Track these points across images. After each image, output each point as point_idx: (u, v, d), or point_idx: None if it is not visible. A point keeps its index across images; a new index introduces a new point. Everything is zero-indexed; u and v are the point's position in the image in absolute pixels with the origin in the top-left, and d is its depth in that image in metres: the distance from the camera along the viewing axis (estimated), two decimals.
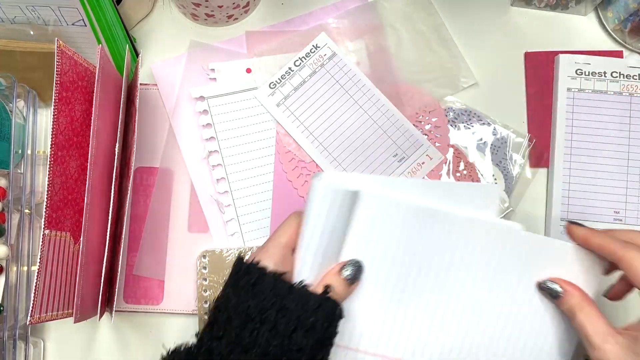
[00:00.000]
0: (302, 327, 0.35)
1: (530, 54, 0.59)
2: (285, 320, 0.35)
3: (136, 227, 0.55)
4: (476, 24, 0.61)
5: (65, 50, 0.44)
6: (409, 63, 0.59)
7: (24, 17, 0.50)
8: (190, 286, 0.54)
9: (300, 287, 0.37)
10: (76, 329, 0.54)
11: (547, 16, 0.61)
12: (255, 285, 0.36)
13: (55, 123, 0.43)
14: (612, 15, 0.58)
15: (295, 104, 0.57)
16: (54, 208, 0.43)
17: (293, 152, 0.56)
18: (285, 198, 0.56)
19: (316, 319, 0.35)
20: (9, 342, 0.49)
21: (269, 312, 0.35)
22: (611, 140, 0.56)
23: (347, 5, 0.60)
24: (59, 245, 0.44)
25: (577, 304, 0.39)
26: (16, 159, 0.51)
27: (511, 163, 0.57)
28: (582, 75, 0.58)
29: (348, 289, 0.38)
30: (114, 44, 0.54)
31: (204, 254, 0.54)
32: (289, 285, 0.36)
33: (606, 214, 0.56)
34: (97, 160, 0.46)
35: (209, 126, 0.57)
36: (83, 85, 0.47)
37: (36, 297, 0.41)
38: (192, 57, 0.59)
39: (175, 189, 0.56)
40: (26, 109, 0.54)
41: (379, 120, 0.57)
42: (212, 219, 0.55)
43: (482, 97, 0.59)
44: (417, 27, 0.60)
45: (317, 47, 0.58)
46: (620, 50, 0.59)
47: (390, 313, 0.40)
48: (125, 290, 0.54)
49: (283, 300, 0.35)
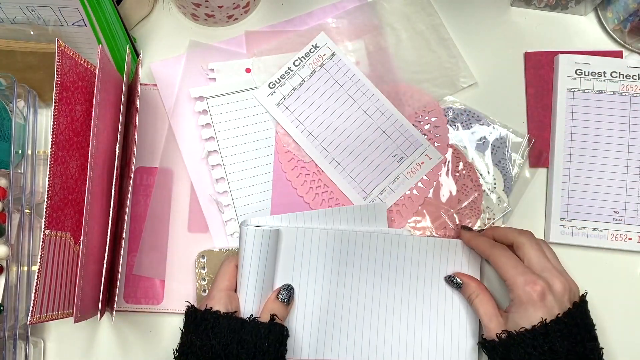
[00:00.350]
0: (260, 352, 0.43)
1: (530, 54, 0.59)
2: (245, 351, 0.42)
3: (136, 227, 0.55)
4: (476, 24, 0.61)
5: (65, 50, 0.44)
6: (408, 63, 0.59)
7: (24, 17, 0.50)
8: (191, 286, 0.54)
9: (251, 320, 0.45)
10: (76, 329, 0.54)
11: (547, 16, 0.61)
12: (214, 328, 0.43)
13: (55, 123, 0.43)
14: (611, 16, 0.58)
15: (295, 104, 0.57)
16: (54, 208, 0.43)
17: (292, 152, 0.56)
18: (284, 198, 0.56)
19: (269, 343, 0.43)
20: (9, 342, 0.49)
21: (230, 346, 0.42)
22: (611, 140, 0.56)
23: (347, 5, 0.60)
24: (59, 245, 0.44)
25: (473, 292, 0.50)
26: (16, 159, 0.51)
27: (510, 163, 0.57)
28: (581, 75, 0.58)
29: (286, 310, 0.48)
30: (114, 44, 0.54)
31: (202, 254, 0.54)
32: (241, 321, 0.44)
33: (606, 214, 0.56)
34: (97, 160, 0.46)
35: (209, 126, 0.57)
36: (83, 85, 0.47)
37: (36, 297, 0.41)
38: (192, 57, 0.59)
39: (175, 189, 0.56)
40: (26, 109, 0.54)
41: (379, 120, 0.57)
42: (212, 219, 0.55)
43: (481, 97, 0.59)
44: (417, 27, 0.60)
45: (316, 47, 0.58)
46: (619, 50, 0.59)
47: (322, 322, 0.50)
48: (126, 290, 0.54)
49: (239, 334, 0.43)
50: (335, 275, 0.51)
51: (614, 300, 0.55)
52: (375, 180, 0.56)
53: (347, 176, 0.56)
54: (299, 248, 0.50)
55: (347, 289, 0.51)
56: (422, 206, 0.56)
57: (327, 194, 0.56)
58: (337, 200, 0.56)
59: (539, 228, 0.57)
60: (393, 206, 0.56)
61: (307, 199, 0.56)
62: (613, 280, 0.56)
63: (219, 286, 0.47)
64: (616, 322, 0.55)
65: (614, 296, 0.55)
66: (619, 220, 0.56)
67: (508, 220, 0.56)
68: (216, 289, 0.47)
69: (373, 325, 0.51)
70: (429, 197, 0.56)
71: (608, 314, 0.55)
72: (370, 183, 0.56)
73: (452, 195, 0.56)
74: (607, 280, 0.56)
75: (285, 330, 0.46)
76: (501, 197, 0.56)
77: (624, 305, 0.55)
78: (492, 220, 0.56)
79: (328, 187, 0.56)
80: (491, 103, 0.58)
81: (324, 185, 0.56)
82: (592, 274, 0.56)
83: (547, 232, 0.56)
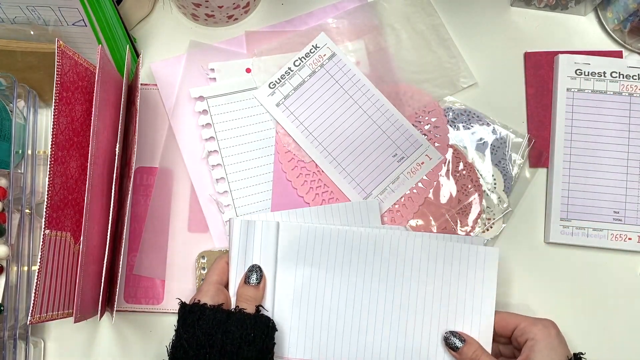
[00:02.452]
0: (246, 343, 0.43)
1: (529, 54, 0.59)
2: (230, 341, 0.43)
3: (136, 227, 0.55)
4: (476, 24, 0.61)
5: (65, 50, 0.44)
6: (408, 63, 0.59)
7: (24, 17, 0.50)
8: (191, 286, 0.54)
9: (237, 311, 0.45)
10: (76, 329, 0.54)
11: (547, 16, 0.61)
12: (200, 319, 0.43)
13: (55, 123, 0.43)
14: (611, 16, 0.59)
15: (295, 104, 0.57)
16: (54, 208, 0.43)
17: (292, 152, 0.56)
18: (284, 198, 0.56)
19: (255, 334, 0.44)
20: (9, 342, 0.49)
21: (214, 337, 0.42)
22: (611, 140, 0.56)
23: (347, 6, 0.60)
24: (59, 245, 0.44)
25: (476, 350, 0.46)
26: (16, 159, 0.51)
27: (510, 163, 0.57)
28: (581, 76, 0.58)
29: (258, 292, 0.48)
30: (114, 44, 0.54)
31: (202, 255, 0.54)
32: (227, 313, 0.44)
33: (606, 214, 0.56)
34: (97, 160, 0.46)
35: (209, 126, 0.57)
36: (83, 85, 0.47)
37: (36, 297, 0.41)
38: (192, 57, 0.59)
39: (175, 189, 0.56)
40: (26, 109, 0.54)
41: (379, 120, 0.57)
42: (212, 219, 0.55)
43: (481, 97, 0.59)
44: (417, 27, 0.60)
45: (316, 47, 0.58)
46: (619, 51, 0.59)
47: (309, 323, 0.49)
48: (126, 290, 0.54)
49: (225, 325, 0.43)
50: (339, 272, 0.50)
51: (614, 300, 0.55)
52: (376, 180, 0.56)
53: (347, 176, 0.56)
54: (302, 244, 0.50)
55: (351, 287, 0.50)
56: (423, 206, 0.56)
57: (327, 194, 0.56)
58: (338, 200, 0.56)
59: (539, 228, 0.57)
60: (393, 206, 0.56)
61: (308, 199, 0.56)
62: (613, 280, 0.56)
63: (208, 280, 0.48)
64: (616, 322, 0.55)
65: (614, 296, 0.55)
66: (619, 220, 0.56)
67: (508, 220, 0.56)
68: (205, 282, 0.47)
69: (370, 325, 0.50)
70: (429, 197, 0.56)
71: (608, 313, 0.55)
72: (371, 183, 0.56)
73: (452, 196, 0.56)
74: (607, 280, 0.56)
75: (272, 323, 0.46)
76: (501, 197, 0.56)
77: (623, 305, 0.55)
78: (492, 220, 0.56)
79: (328, 187, 0.56)
80: (491, 103, 0.58)
81: (324, 185, 0.56)
82: (592, 274, 0.56)
83: (547, 232, 0.56)
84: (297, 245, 0.50)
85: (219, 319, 0.43)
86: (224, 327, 0.43)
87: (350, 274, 0.50)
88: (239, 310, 0.45)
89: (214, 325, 0.43)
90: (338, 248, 0.50)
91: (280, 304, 0.49)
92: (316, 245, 0.50)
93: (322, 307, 0.50)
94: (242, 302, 0.46)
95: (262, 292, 0.48)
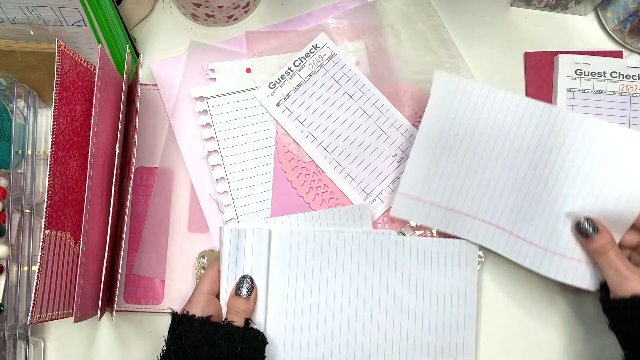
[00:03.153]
0: (233, 356, 0.42)
1: (530, 54, 0.59)
2: (217, 354, 0.42)
3: (136, 227, 0.55)
4: (476, 24, 0.61)
5: (65, 50, 0.44)
6: (408, 63, 0.59)
7: (24, 17, 0.50)
8: (191, 286, 0.54)
9: (225, 324, 0.44)
10: (76, 329, 0.54)
11: (547, 16, 0.61)
12: (188, 331, 0.43)
13: (55, 123, 0.43)
14: (611, 16, 0.59)
15: (295, 104, 0.57)
16: (54, 208, 0.43)
17: (292, 152, 0.56)
18: (284, 198, 0.56)
19: (243, 347, 0.43)
20: (9, 342, 0.49)
21: (201, 349, 0.42)
22: None
23: (347, 6, 0.61)
24: (59, 245, 0.44)
25: (607, 242, 0.45)
26: (16, 159, 0.51)
27: None
28: (581, 76, 0.58)
29: (248, 304, 0.47)
30: (114, 44, 0.54)
31: (202, 255, 0.54)
32: (215, 325, 0.43)
33: None
34: (97, 160, 0.46)
35: (209, 126, 0.57)
36: (83, 85, 0.47)
37: (36, 297, 0.41)
38: (192, 57, 0.59)
39: (175, 189, 0.56)
40: (26, 109, 0.54)
41: (379, 120, 0.57)
42: (212, 219, 0.55)
43: None
44: (417, 27, 0.60)
45: (316, 47, 0.58)
46: (619, 51, 0.59)
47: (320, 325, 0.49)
48: (126, 290, 0.54)
49: (212, 338, 0.42)
50: (332, 277, 0.50)
51: None
52: (376, 180, 0.56)
53: (347, 176, 0.56)
54: (294, 251, 0.50)
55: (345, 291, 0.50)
56: None
57: (327, 194, 0.56)
58: (338, 200, 0.56)
59: None
60: None
61: (307, 199, 0.56)
62: None
63: (198, 290, 0.47)
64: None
65: None
66: None
67: None
68: (196, 292, 0.47)
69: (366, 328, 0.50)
70: None
71: None
72: (371, 183, 0.56)
73: None
74: None
75: (262, 336, 0.45)
76: None
77: None
78: None
79: (328, 187, 0.56)
80: None
81: (324, 186, 0.56)
82: None
83: None
84: (289, 252, 0.49)
85: (207, 332, 0.43)
86: (212, 339, 0.42)
87: (344, 278, 0.50)
88: (227, 323, 0.44)
89: (201, 338, 0.42)
90: (330, 253, 0.50)
91: (274, 313, 0.49)
92: (308, 251, 0.50)
93: (318, 313, 0.50)
94: (232, 315, 0.45)
95: (253, 303, 0.47)
